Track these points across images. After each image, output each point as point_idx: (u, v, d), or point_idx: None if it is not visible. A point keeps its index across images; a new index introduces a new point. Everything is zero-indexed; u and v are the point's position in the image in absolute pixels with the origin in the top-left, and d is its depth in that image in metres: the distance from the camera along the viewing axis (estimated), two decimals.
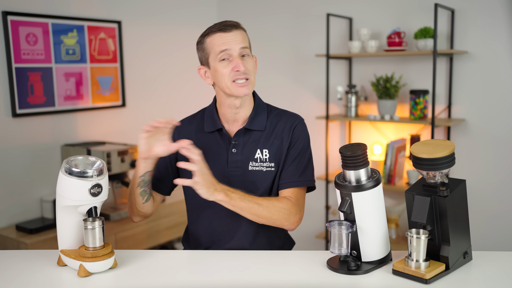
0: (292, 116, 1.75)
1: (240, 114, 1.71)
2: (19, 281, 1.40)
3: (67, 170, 1.42)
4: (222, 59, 1.62)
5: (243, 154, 1.69)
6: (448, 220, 1.38)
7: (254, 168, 1.68)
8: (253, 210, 1.59)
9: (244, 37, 1.65)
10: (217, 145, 1.72)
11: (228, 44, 1.60)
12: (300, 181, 1.68)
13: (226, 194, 1.55)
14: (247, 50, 1.64)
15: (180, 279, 1.42)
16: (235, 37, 1.62)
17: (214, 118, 1.73)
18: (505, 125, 3.02)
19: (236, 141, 1.70)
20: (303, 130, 1.73)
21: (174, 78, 3.75)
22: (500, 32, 2.97)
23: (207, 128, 1.73)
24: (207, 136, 1.73)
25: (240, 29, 1.65)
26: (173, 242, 3.41)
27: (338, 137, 3.62)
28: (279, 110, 1.78)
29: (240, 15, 3.89)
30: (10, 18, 2.77)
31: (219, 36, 1.61)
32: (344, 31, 3.48)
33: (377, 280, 1.40)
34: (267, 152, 1.69)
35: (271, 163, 1.69)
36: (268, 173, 1.69)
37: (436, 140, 1.44)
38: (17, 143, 2.85)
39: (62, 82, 3.04)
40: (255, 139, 1.70)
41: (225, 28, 1.61)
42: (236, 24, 1.64)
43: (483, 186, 3.10)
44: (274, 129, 1.72)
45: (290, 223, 1.64)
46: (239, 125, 1.72)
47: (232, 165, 1.69)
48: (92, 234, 1.43)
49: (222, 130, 1.71)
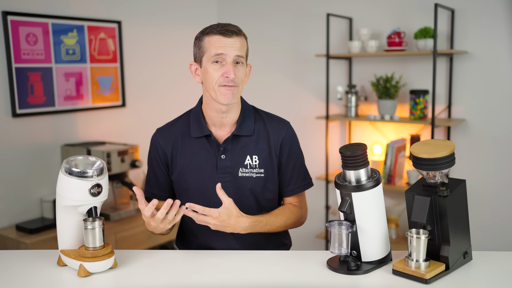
0: (280, 123, 1.75)
1: (227, 118, 1.68)
2: (19, 281, 1.40)
3: (67, 170, 1.42)
4: (215, 61, 1.60)
5: (232, 160, 1.68)
6: (448, 220, 1.38)
7: (244, 175, 1.68)
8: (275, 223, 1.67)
9: (242, 45, 1.63)
10: (205, 151, 1.70)
11: (224, 48, 1.58)
12: (302, 186, 1.76)
13: (252, 228, 1.60)
14: (241, 58, 1.62)
15: (180, 279, 1.42)
16: (233, 44, 1.59)
17: (200, 122, 1.70)
18: (505, 125, 3.02)
19: (225, 147, 1.68)
20: (293, 135, 1.76)
21: (174, 78, 3.75)
22: (500, 32, 2.97)
23: (193, 133, 1.70)
24: (193, 141, 1.71)
25: (240, 36, 1.62)
26: (173, 242, 3.41)
27: (338, 137, 3.62)
28: (265, 113, 1.78)
29: (240, 15, 3.89)
30: (10, 18, 2.77)
31: (218, 39, 1.59)
32: (344, 31, 3.48)
33: (377, 280, 1.40)
34: (257, 158, 1.69)
35: (261, 169, 1.69)
36: (258, 179, 1.69)
37: (436, 140, 1.44)
38: (17, 143, 2.85)
39: (62, 82, 3.04)
40: (244, 145, 1.69)
41: (226, 33, 1.59)
42: (237, 31, 1.62)
43: (483, 186, 3.10)
44: (262, 133, 1.72)
45: (300, 225, 1.77)
46: (226, 129, 1.70)
47: (222, 171, 1.68)
48: (92, 234, 1.43)
49: (210, 136, 1.69)
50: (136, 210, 3.04)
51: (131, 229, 2.97)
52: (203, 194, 1.68)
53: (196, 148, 1.70)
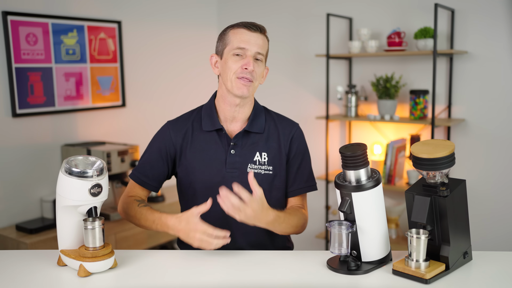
0: (290, 123, 1.79)
1: (240, 113, 1.71)
2: (19, 281, 1.40)
3: (67, 170, 1.42)
4: (236, 54, 1.64)
5: (241, 155, 1.69)
6: (448, 220, 1.38)
7: (252, 171, 1.69)
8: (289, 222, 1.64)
9: (264, 44, 1.67)
10: (215, 145, 1.71)
11: (247, 42, 1.63)
12: (306, 187, 1.78)
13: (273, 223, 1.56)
14: (261, 56, 1.66)
15: (180, 279, 1.42)
16: (257, 39, 1.64)
17: (212, 117, 1.72)
18: (505, 125, 3.02)
19: (236, 143, 1.70)
20: (301, 136, 1.79)
21: (174, 78, 3.75)
22: (500, 32, 2.97)
23: (205, 127, 1.72)
24: (204, 135, 1.72)
25: (264, 35, 1.68)
26: (173, 242, 3.41)
27: (338, 137, 3.62)
28: (276, 114, 1.81)
29: (240, 15, 3.89)
30: (10, 18, 2.77)
31: (243, 32, 1.64)
32: (344, 31, 3.48)
33: (377, 280, 1.40)
34: (266, 155, 1.71)
35: (269, 167, 1.70)
36: (266, 176, 1.70)
37: (436, 140, 1.44)
38: (17, 143, 2.85)
39: (62, 82, 3.04)
40: (254, 141, 1.71)
41: (251, 27, 1.64)
42: (262, 28, 1.67)
43: (483, 186, 3.10)
44: (273, 132, 1.74)
45: (302, 230, 1.73)
46: (238, 124, 1.73)
47: (230, 166, 1.69)
48: (92, 234, 1.43)
49: (222, 130, 1.71)
50: None
51: (131, 229, 2.97)
52: (210, 187, 1.68)
53: (207, 142, 1.71)
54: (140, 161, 1.78)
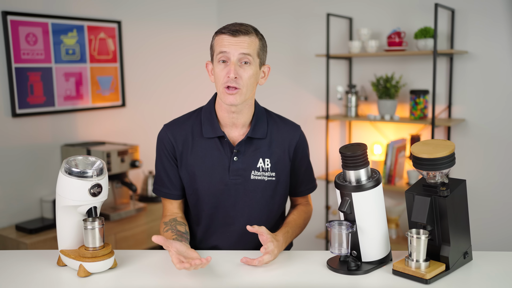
0: (293, 127, 1.77)
1: (238, 119, 1.66)
2: (19, 281, 1.40)
3: (67, 170, 1.42)
4: (221, 61, 1.58)
5: (245, 162, 1.67)
6: (448, 220, 1.38)
7: (256, 177, 1.67)
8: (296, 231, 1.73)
9: (252, 44, 1.57)
10: (217, 152, 1.67)
11: (228, 47, 1.55)
12: (312, 187, 1.84)
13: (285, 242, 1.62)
14: (248, 57, 1.56)
15: (180, 279, 1.42)
16: (239, 42, 1.55)
17: (213, 122, 1.67)
18: (505, 125, 3.02)
19: (238, 149, 1.66)
20: (305, 139, 1.80)
21: (174, 78, 3.75)
22: (500, 32, 2.97)
23: (206, 134, 1.67)
24: (205, 141, 1.68)
25: (249, 35, 1.57)
26: None
27: (338, 137, 3.62)
28: (277, 116, 1.78)
29: (240, 15, 3.89)
30: (10, 18, 2.77)
31: (222, 38, 1.57)
32: (344, 31, 3.48)
33: (377, 280, 1.40)
34: (269, 161, 1.68)
35: (272, 173, 1.69)
36: (270, 183, 1.69)
37: (436, 140, 1.43)
38: (17, 143, 2.85)
39: (62, 82, 3.04)
40: (257, 147, 1.68)
41: (232, 32, 1.56)
42: (245, 31, 1.57)
43: (483, 186, 3.10)
44: (276, 137, 1.71)
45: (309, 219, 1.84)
46: (238, 130, 1.68)
47: (234, 173, 1.66)
48: (92, 234, 1.43)
49: (224, 137, 1.67)
50: (136, 210, 3.05)
51: (131, 229, 2.97)
52: (214, 195, 1.67)
53: (208, 149, 1.67)
54: (155, 174, 1.76)
